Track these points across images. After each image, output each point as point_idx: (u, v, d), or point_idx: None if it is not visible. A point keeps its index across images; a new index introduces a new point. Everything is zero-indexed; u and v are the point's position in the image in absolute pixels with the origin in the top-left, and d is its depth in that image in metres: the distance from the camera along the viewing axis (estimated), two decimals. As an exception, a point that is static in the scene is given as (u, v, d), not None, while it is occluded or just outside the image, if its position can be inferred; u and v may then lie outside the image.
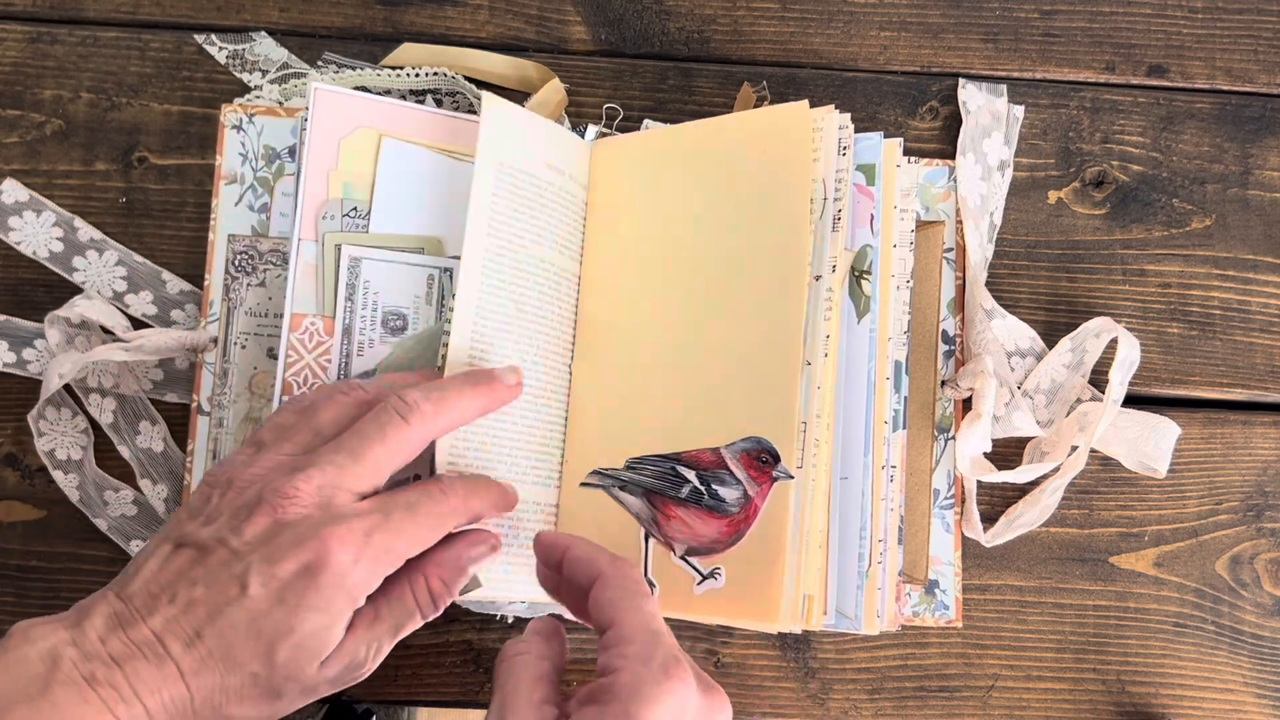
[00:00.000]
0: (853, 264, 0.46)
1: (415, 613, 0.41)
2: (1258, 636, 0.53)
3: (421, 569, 0.41)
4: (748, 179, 0.46)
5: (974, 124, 0.55)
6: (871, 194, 0.46)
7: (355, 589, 0.38)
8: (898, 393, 0.48)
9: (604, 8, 0.56)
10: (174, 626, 0.36)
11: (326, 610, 0.37)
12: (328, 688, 0.39)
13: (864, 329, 0.46)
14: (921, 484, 0.50)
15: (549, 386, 0.48)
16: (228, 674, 0.36)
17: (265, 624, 0.36)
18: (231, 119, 0.52)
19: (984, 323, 0.52)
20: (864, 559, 0.45)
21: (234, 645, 0.36)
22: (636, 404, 0.47)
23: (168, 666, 0.35)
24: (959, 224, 0.53)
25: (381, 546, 0.38)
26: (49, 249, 0.52)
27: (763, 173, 0.46)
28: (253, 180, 0.51)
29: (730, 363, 0.45)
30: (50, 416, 0.50)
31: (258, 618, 0.36)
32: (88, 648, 0.35)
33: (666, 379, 0.47)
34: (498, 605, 0.50)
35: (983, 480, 0.51)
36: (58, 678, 0.34)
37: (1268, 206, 0.56)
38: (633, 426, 0.47)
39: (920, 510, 0.50)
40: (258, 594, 0.36)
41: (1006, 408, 0.51)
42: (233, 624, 0.36)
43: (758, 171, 0.46)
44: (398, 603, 0.41)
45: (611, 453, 0.47)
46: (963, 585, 0.52)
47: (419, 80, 0.54)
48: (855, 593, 0.45)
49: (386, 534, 0.38)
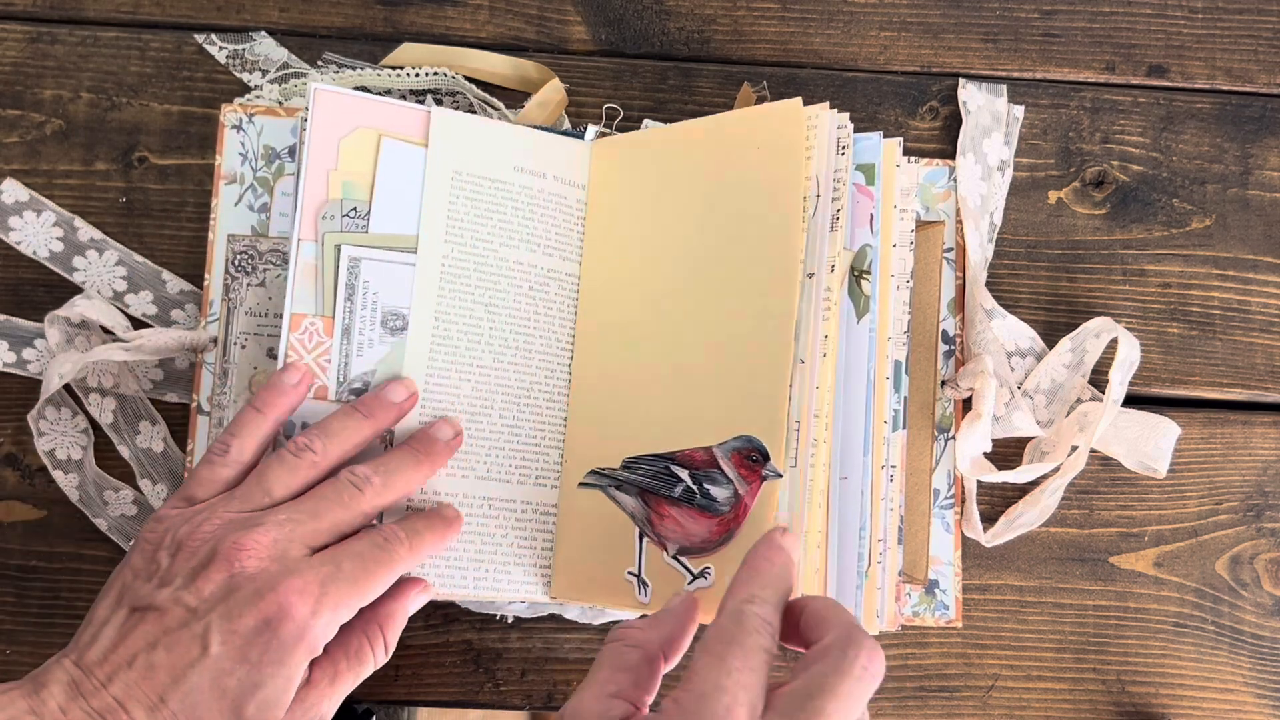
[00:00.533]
0: (852, 264, 0.46)
1: (371, 664, 0.42)
2: (1258, 637, 0.53)
3: (376, 620, 0.42)
4: (741, 176, 0.46)
5: (974, 124, 0.55)
6: (871, 194, 0.46)
7: (315, 640, 0.38)
8: (897, 393, 0.48)
9: (604, 8, 0.56)
10: (135, 692, 0.36)
11: (286, 664, 0.37)
12: None
13: (864, 329, 0.46)
14: (921, 484, 0.50)
15: (537, 387, 0.48)
16: None
17: (229, 682, 0.37)
18: (231, 119, 0.51)
19: (984, 323, 0.52)
20: (863, 559, 0.45)
21: (199, 707, 0.36)
22: (633, 402, 0.47)
23: None
24: (959, 224, 0.53)
25: (336, 597, 0.39)
26: (49, 249, 0.52)
27: (756, 169, 0.46)
28: (252, 180, 0.51)
29: (723, 359, 0.45)
30: (50, 416, 0.50)
31: (221, 676, 0.36)
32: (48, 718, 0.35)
33: (662, 376, 0.47)
34: (498, 605, 0.50)
35: (983, 480, 0.51)
36: None
37: (1268, 206, 0.56)
38: (629, 425, 0.47)
39: (920, 510, 0.50)
40: (219, 652, 0.37)
41: (1006, 407, 0.51)
42: (197, 686, 0.36)
43: (751, 168, 0.46)
44: (356, 656, 0.42)
45: (609, 452, 0.47)
46: (963, 585, 0.52)
47: (419, 80, 0.54)
48: (855, 593, 0.45)
49: (340, 585, 0.39)
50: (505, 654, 0.51)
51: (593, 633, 0.52)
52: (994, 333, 0.52)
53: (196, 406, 0.50)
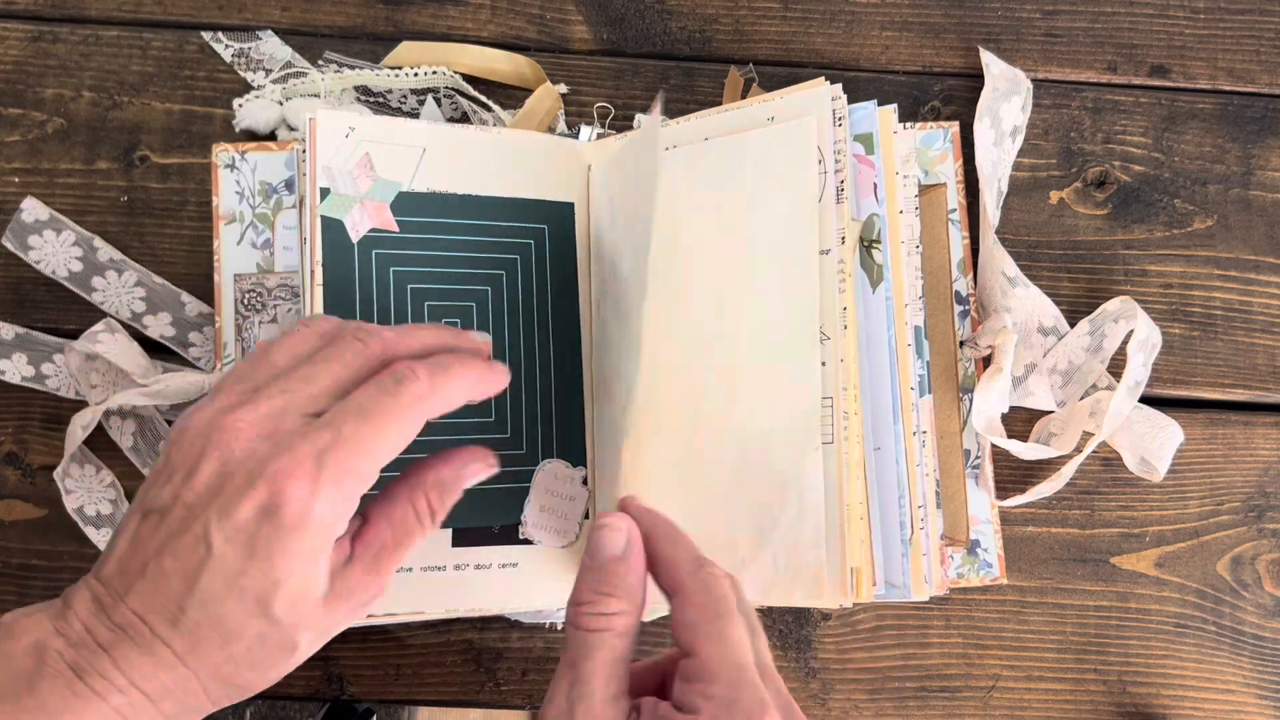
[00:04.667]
0: (861, 234, 0.46)
1: (419, 534, 0.37)
2: (1259, 637, 0.53)
3: (423, 488, 0.37)
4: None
5: (993, 88, 0.54)
6: (872, 163, 0.46)
7: (325, 521, 0.33)
8: (921, 358, 0.48)
9: (606, 7, 0.56)
10: (153, 603, 0.33)
11: (302, 553, 0.33)
12: (349, 620, 0.36)
13: (880, 298, 0.46)
14: (953, 446, 0.51)
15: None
16: (229, 643, 0.33)
17: (246, 582, 0.32)
18: (224, 158, 0.51)
19: (1006, 290, 0.52)
20: (905, 526, 0.45)
21: (222, 613, 0.32)
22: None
23: (160, 651, 0.32)
24: (960, 185, 0.54)
25: (339, 469, 0.33)
26: (68, 268, 0.51)
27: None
28: (252, 218, 0.51)
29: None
30: (75, 474, 0.50)
31: (233, 577, 0.32)
32: (73, 636, 0.32)
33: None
34: (545, 614, 0.50)
35: (995, 444, 0.51)
36: (44, 672, 0.31)
37: (1269, 207, 0.56)
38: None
39: (954, 473, 0.50)
40: (224, 551, 0.32)
41: (1026, 369, 0.51)
42: (211, 591, 0.32)
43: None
44: (401, 527, 0.36)
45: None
46: (965, 584, 0.52)
47: (418, 79, 0.54)
48: (901, 561, 0.44)
49: (340, 452, 0.33)
50: (506, 654, 0.51)
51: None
52: (1016, 300, 0.52)
53: None
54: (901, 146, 0.49)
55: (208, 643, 0.33)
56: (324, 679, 0.51)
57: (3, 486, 0.51)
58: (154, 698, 0.32)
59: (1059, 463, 0.52)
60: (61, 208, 0.52)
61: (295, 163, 0.51)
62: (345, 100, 0.54)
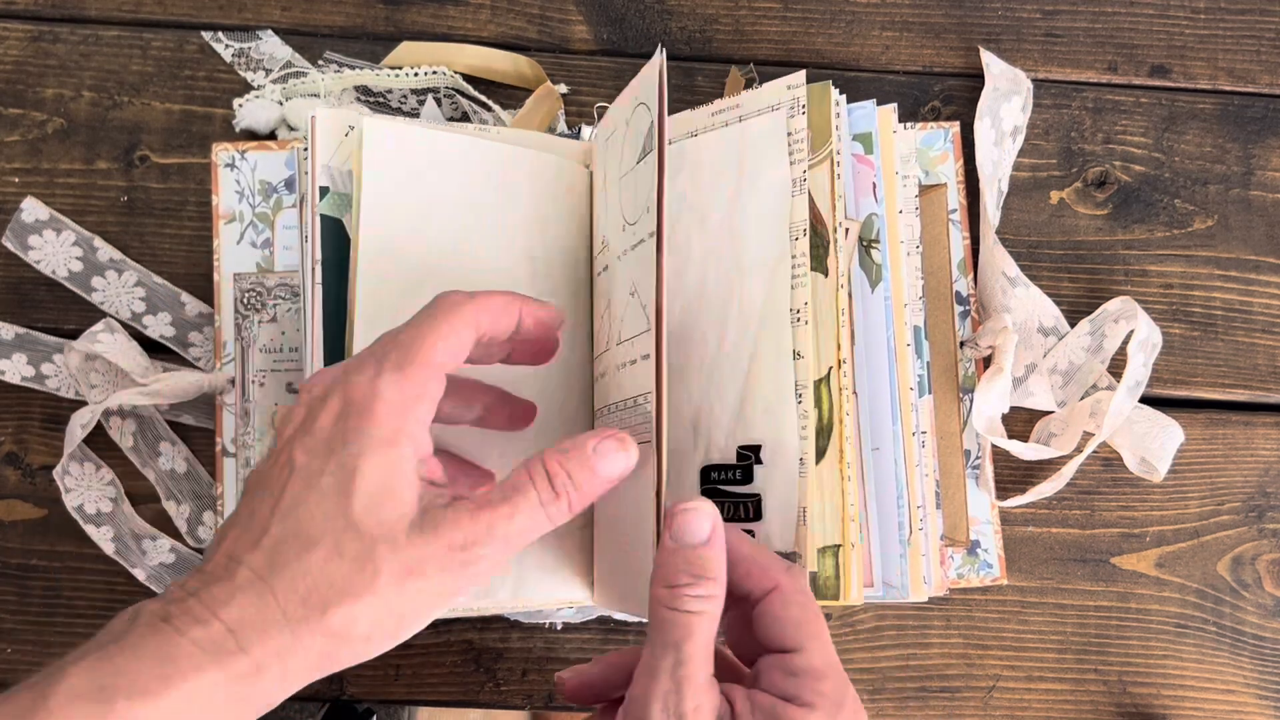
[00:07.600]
0: (860, 234, 0.45)
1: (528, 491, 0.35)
2: (1259, 638, 0.53)
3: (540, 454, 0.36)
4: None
5: (994, 87, 0.54)
6: (871, 162, 0.46)
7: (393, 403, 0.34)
8: (920, 359, 0.48)
9: (606, 7, 0.56)
10: (243, 539, 0.33)
11: (377, 438, 0.33)
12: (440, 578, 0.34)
13: (878, 298, 0.45)
14: (953, 446, 0.50)
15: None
16: (306, 550, 0.32)
17: (325, 479, 0.33)
18: (224, 157, 0.51)
19: (1006, 290, 0.52)
20: (904, 527, 0.45)
21: (301, 518, 0.33)
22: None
23: (239, 573, 0.32)
24: (960, 185, 0.53)
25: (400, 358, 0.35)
26: (68, 268, 0.51)
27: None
28: (252, 217, 0.51)
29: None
30: (74, 472, 0.50)
31: (312, 479, 0.33)
32: (170, 596, 0.33)
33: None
34: (545, 614, 0.50)
35: (995, 444, 0.51)
36: (135, 627, 0.31)
37: (1270, 207, 0.56)
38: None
39: (954, 473, 0.50)
40: (304, 461, 0.34)
41: (1026, 369, 0.51)
42: (293, 497, 0.33)
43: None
44: (510, 483, 0.35)
45: None
46: (965, 584, 0.52)
47: (417, 79, 0.54)
48: (899, 561, 0.44)
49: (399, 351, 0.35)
50: (506, 654, 0.51)
51: (593, 633, 0.52)
52: (1016, 300, 0.52)
53: (221, 449, 0.50)
54: (902, 146, 0.49)
55: (285, 552, 0.32)
56: (324, 679, 0.50)
57: (3, 486, 0.51)
58: (233, 627, 0.32)
59: (1059, 463, 0.52)
60: (61, 208, 0.52)
61: (296, 162, 0.51)
62: (345, 100, 0.54)
